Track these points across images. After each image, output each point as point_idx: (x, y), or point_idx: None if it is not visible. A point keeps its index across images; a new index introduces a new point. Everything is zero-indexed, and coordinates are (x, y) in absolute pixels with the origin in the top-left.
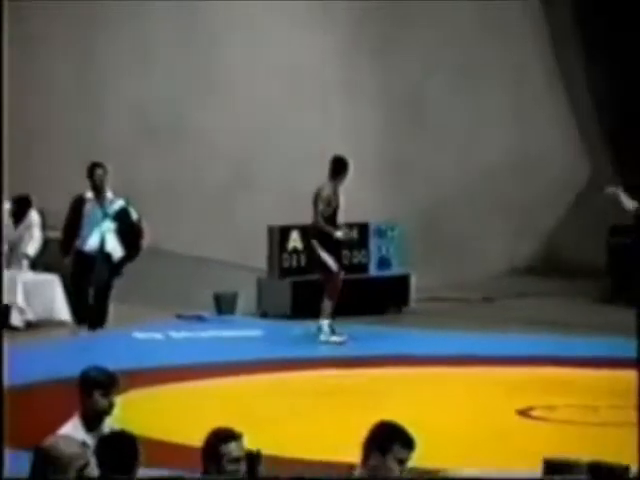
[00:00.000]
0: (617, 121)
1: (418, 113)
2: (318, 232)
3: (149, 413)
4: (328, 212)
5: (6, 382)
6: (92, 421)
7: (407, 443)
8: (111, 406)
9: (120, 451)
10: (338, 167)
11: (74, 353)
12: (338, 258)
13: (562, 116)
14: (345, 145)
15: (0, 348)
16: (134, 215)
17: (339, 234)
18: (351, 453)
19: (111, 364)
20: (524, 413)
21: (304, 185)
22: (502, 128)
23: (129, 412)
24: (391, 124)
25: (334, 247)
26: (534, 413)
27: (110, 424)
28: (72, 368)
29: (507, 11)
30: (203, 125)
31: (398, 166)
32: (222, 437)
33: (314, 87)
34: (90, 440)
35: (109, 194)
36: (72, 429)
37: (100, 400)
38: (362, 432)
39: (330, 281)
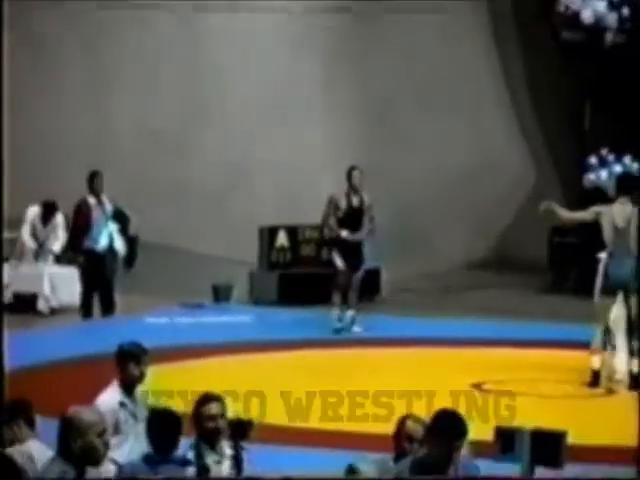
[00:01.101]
0: (559, 134)
1: (390, 125)
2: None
3: (157, 386)
4: (339, 215)
5: (33, 361)
6: (127, 387)
7: (460, 432)
8: (142, 375)
9: (166, 426)
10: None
11: (93, 335)
12: (346, 258)
13: (513, 129)
14: (326, 154)
15: (0, 332)
16: (127, 215)
17: (344, 234)
18: (327, 420)
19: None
20: (477, 387)
21: (291, 190)
22: (463, 139)
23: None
24: (365, 134)
25: (345, 247)
26: (485, 387)
27: (141, 390)
28: (91, 347)
29: (466, 31)
30: (202, 136)
31: (371, 171)
32: (202, 400)
33: (299, 103)
34: (127, 401)
35: (105, 198)
36: (112, 392)
37: (133, 369)
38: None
39: (335, 276)
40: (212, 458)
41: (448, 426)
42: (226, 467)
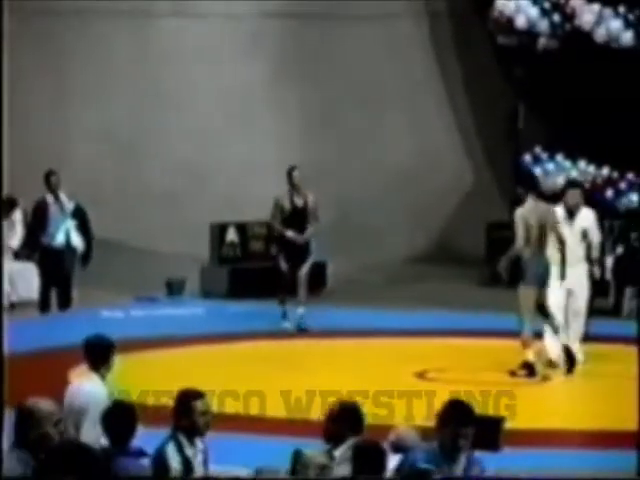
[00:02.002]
0: (495, 134)
1: (335, 125)
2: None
3: (112, 377)
4: (284, 215)
5: None
6: (103, 377)
7: (464, 421)
8: (112, 365)
9: (122, 418)
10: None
11: (51, 329)
12: (291, 256)
13: (451, 129)
14: (275, 154)
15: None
16: (85, 212)
17: (289, 234)
18: (279, 408)
19: (81, 337)
20: (420, 375)
21: (240, 190)
22: (403, 138)
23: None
24: (313, 137)
25: (291, 246)
26: (428, 375)
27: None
28: (49, 341)
29: (406, 36)
30: (157, 138)
31: (318, 171)
32: (193, 395)
33: (249, 105)
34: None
35: (63, 196)
36: (96, 381)
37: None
38: (289, 388)
39: (279, 278)
40: (190, 451)
41: (454, 414)
42: (200, 460)
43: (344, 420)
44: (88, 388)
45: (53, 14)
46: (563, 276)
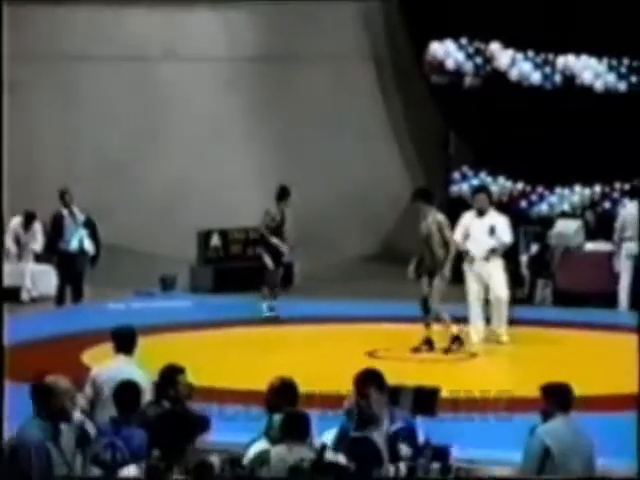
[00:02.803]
0: (430, 157)
1: (299, 150)
2: (263, 239)
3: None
4: (272, 225)
5: (18, 340)
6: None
7: (381, 386)
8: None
9: (127, 394)
10: (282, 193)
11: (66, 319)
12: (277, 259)
13: (394, 153)
14: (248, 175)
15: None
16: (94, 223)
17: (275, 241)
18: (261, 385)
19: (91, 325)
20: (371, 354)
21: (223, 202)
22: (356, 161)
23: (102, 361)
24: (279, 160)
25: (275, 251)
26: (377, 354)
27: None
28: (65, 328)
29: (356, 75)
30: (153, 161)
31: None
32: (177, 369)
33: (227, 134)
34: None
35: (76, 209)
36: (127, 362)
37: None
38: (268, 370)
39: (268, 276)
40: None
41: (369, 380)
42: None
43: (282, 393)
44: (130, 370)
45: (61, 59)
46: (447, 272)
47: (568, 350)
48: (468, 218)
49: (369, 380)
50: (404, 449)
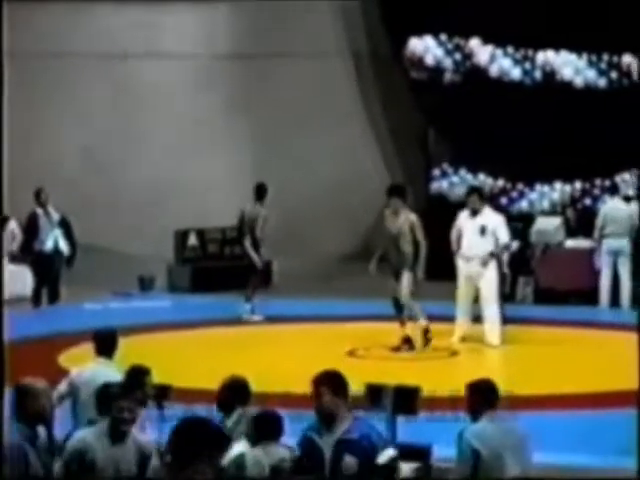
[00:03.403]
0: (410, 153)
1: (278, 148)
2: (253, 238)
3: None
4: (250, 224)
5: None
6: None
7: (336, 389)
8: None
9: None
10: (259, 191)
11: (42, 320)
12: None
13: (374, 149)
14: (227, 173)
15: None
16: (69, 222)
17: (254, 257)
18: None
19: (68, 326)
20: (351, 353)
21: (198, 201)
22: (335, 158)
23: (79, 362)
24: (258, 157)
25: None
26: (357, 353)
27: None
28: (41, 330)
29: (335, 70)
30: (133, 160)
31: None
32: (144, 370)
33: (207, 133)
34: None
35: (51, 209)
36: (107, 364)
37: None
38: (247, 370)
39: (257, 275)
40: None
41: (322, 381)
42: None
43: (235, 392)
44: (108, 373)
45: (39, 56)
46: (415, 270)
47: (549, 348)
48: (462, 218)
49: (322, 381)
50: (348, 461)
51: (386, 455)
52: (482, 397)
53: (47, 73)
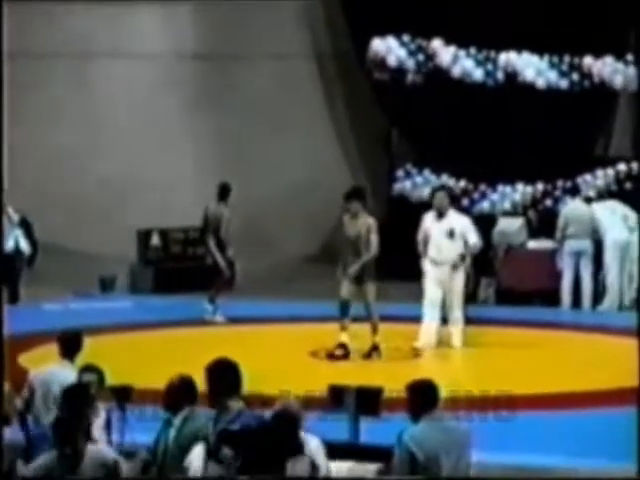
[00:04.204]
0: (372, 154)
1: (242, 149)
2: (217, 238)
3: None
4: (214, 224)
5: None
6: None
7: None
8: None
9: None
10: (222, 191)
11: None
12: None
13: (336, 151)
14: (190, 172)
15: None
16: (29, 222)
17: (221, 263)
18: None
19: (28, 327)
20: (314, 354)
21: (161, 201)
22: (298, 160)
23: (39, 363)
24: (220, 154)
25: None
26: (320, 354)
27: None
28: (4, 329)
29: (299, 72)
30: (95, 159)
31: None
32: (94, 369)
33: (171, 133)
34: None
35: (10, 209)
36: (68, 367)
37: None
38: (202, 369)
39: (219, 276)
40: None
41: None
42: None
43: (182, 392)
44: (65, 374)
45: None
46: (353, 271)
47: (511, 349)
48: (428, 221)
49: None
50: (227, 452)
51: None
52: (422, 398)
53: (9, 72)
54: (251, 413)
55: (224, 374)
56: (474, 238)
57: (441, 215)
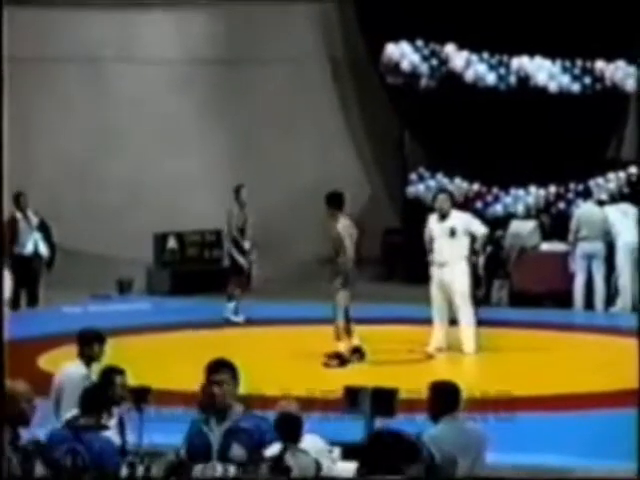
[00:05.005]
0: (386, 157)
1: (254, 151)
2: (233, 239)
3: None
4: (238, 225)
5: None
6: (88, 363)
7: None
8: (101, 354)
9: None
10: (239, 193)
11: (21, 323)
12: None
13: (351, 153)
14: (204, 176)
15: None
16: (48, 226)
17: (246, 245)
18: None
19: (47, 330)
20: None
21: (176, 204)
22: (311, 161)
23: (58, 365)
24: (235, 161)
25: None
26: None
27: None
28: (20, 333)
29: (312, 75)
30: (109, 164)
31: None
32: (116, 370)
33: (183, 136)
34: (88, 374)
35: (30, 213)
36: (77, 366)
37: (96, 348)
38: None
39: (241, 276)
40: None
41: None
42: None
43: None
44: (70, 370)
45: (14, 60)
46: (346, 282)
47: (524, 351)
48: (432, 222)
49: (214, 370)
50: (237, 450)
51: (275, 448)
52: (443, 399)
53: (25, 77)
54: (256, 414)
55: (232, 372)
56: (479, 227)
57: (443, 217)
